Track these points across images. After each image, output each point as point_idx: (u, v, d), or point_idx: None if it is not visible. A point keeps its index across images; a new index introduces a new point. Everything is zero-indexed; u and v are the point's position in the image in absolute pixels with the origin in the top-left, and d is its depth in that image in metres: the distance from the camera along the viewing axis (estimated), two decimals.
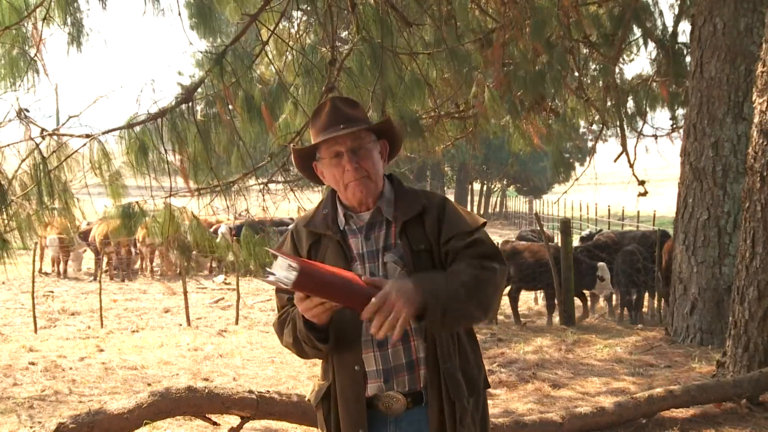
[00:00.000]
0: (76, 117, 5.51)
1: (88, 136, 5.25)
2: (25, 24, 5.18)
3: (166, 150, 5.51)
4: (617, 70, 10.50)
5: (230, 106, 5.82)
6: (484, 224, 2.34)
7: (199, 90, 5.96)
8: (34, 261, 10.95)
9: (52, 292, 13.99)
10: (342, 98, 2.39)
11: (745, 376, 5.58)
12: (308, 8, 7.02)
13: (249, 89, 5.94)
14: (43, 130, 5.28)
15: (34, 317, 10.04)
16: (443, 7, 7.60)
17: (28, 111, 5.19)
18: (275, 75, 6.73)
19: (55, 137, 5.24)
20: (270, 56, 6.73)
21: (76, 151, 5.25)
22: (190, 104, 5.69)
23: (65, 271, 16.64)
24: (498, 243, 11.82)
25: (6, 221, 5.03)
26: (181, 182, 5.88)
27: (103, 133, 5.36)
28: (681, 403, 5.33)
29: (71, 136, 5.34)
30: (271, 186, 6.99)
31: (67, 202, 5.35)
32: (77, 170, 5.28)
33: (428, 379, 2.23)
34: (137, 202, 5.66)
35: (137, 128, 5.48)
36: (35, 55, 5.14)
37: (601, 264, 10.08)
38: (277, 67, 6.88)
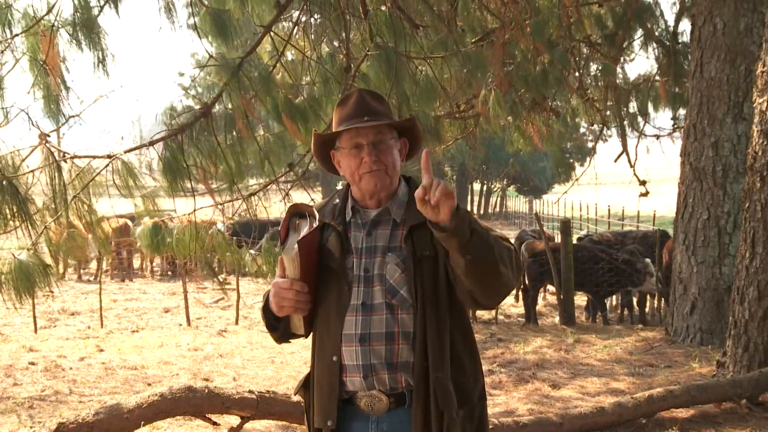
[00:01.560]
0: (76, 117, 5.51)
1: (109, 156, 5.25)
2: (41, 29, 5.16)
3: (187, 165, 5.49)
4: (618, 69, 10.51)
5: (250, 118, 5.81)
6: None
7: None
8: None
9: (52, 292, 13.98)
10: (369, 91, 2.38)
11: (745, 376, 5.58)
12: (308, 7, 6.97)
13: (266, 101, 5.92)
14: (64, 153, 5.27)
15: (34, 317, 10.04)
16: (444, 8, 7.58)
17: (49, 136, 5.20)
18: (291, 83, 6.73)
19: (76, 159, 5.24)
20: (285, 66, 6.69)
21: (99, 172, 5.25)
22: (210, 118, 5.67)
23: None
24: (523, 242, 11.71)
25: (35, 242, 5.05)
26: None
27: (126, 152, 5.37)
28: (681, 403, 5.33)
29: (93, 157, 5.33)
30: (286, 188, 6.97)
31: (93, 223, 5.40)
32: (99, 182, 5.30)
33: (414, 386, 2.19)
34: (163, 220, 5.68)
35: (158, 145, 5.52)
36: (44, 62, 5.13)
37: (647, 260, 10.04)
38: (293, 77, 6.86)
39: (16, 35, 5.07)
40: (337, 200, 2.39)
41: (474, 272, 2.08)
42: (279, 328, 2.34)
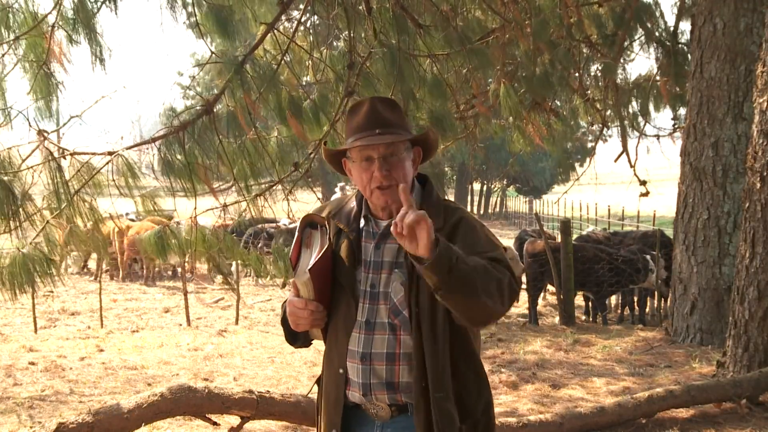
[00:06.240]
0: (77, 117, 5.50)
1: (110, 153, 5.21)
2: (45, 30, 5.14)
3: (188, 164, 5.44)
4: (618, 69, 10.49)
5: (252, 116, 5.79)
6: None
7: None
8: None
9: (52, 291, 13.97)
10: (382, 99, 2.31)
11: (745, 376, 5.59)
12: (311, 5, 6.95)
13: (270, 99, 5.89)
14: (63, 150, 5.22)
15: (34, 317, 10.02)
16: (446, 7, 7.57)
17: (47, 132, 5.17)
18: (295, 81, 6.71)
19: (76, 156, 5.21)
20: (289, 64, 6.64)
21: (99, 170, 5.20)
22: (212, 116, 5.64)
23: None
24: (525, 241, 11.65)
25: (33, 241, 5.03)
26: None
27: (126, 149, 5.34)
28: (681, 403, 5.33)
29: (93, 154, 5.28)
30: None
31: (96, 222, 5.39)
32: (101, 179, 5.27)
33: (414, 406, 2.18)
34: (168, 226, 5.65)
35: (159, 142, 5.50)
36: (44, 62, 5.12)
37: (647, 256, 10.02)
38: (297, 76, 6.84)
39: (17, 38, 5.05)
40: (354, 204, 2.34)
41: (452, 305, 2.06)
42: (299, 338, 2.39)
